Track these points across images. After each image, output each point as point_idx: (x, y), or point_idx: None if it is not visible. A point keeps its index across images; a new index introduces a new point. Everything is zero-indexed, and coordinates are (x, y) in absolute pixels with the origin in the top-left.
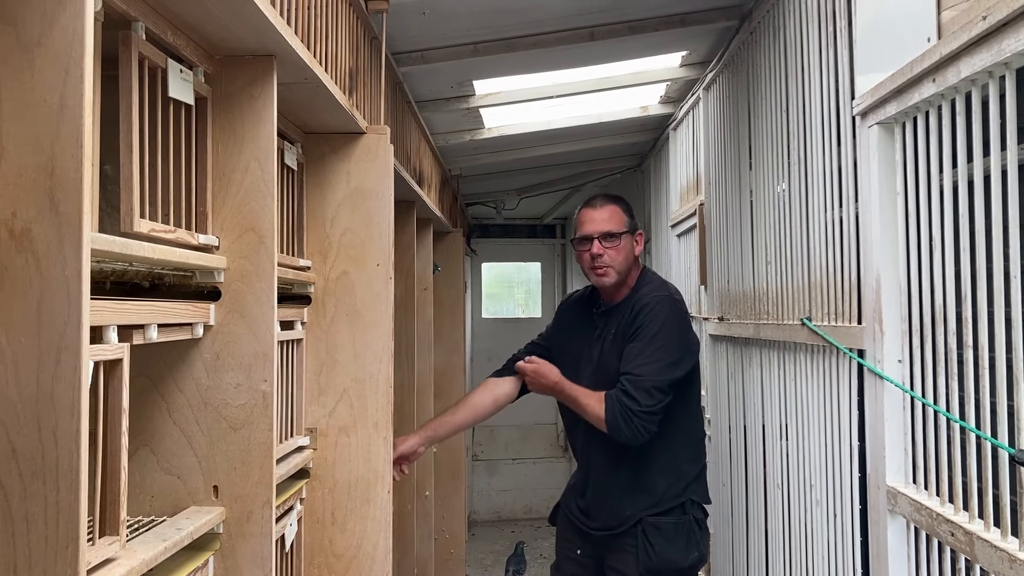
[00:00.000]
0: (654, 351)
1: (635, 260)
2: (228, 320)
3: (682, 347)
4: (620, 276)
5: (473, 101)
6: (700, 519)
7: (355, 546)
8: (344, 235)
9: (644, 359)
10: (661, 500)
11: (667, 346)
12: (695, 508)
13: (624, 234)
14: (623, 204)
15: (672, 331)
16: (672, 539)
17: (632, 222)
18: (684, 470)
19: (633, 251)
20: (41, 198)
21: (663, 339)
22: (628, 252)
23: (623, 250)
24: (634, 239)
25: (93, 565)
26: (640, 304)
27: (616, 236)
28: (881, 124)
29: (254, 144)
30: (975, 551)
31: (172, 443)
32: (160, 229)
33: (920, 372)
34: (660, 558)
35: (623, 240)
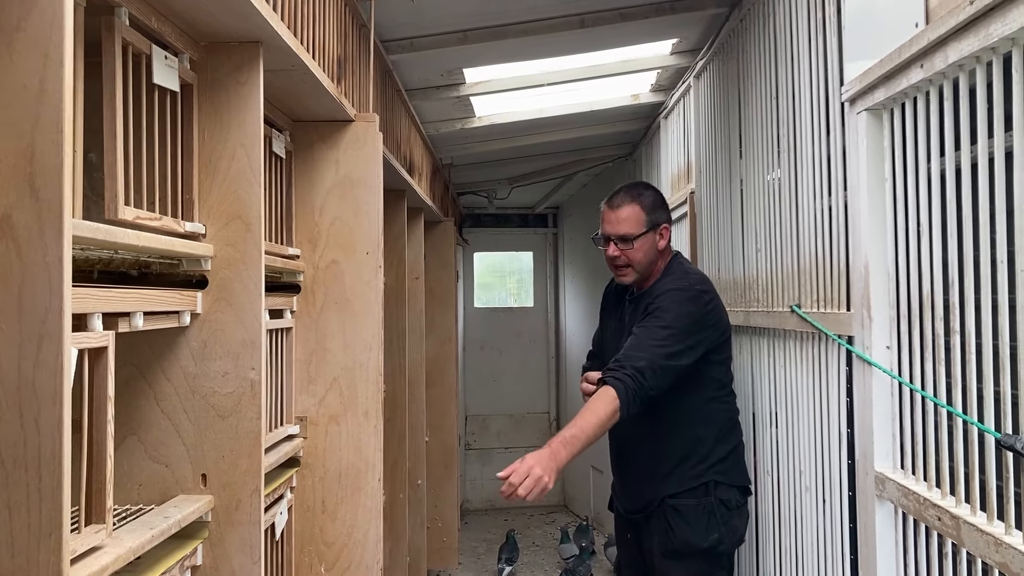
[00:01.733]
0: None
1: (661, 252)
2: (215, 308)
3: (687, 338)
4: (641, 274)
5: (463, 89)
6: (727, 500)
7: (346, 534)
8: (333, 223)
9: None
10: (682, 482)
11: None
12: (720, 489)
13: (642, 235)
14: (645, 199)
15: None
16: (691, 520)
17: (653, 218)
18: (706, 452)
19: (655, 247)
20: (21, 184)
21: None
22: (648, 249)
23: (641, 249)
24: (657, 234)
25: (79, 553)
26: (658, 291)
27: (632, 239)
28: (870, 110)
29: (240, 131)
30: (961, 535)
31: (160, 431)
32: (145, 216)
33: (908, 358)
34: (679, 539)
35: (642, 240)
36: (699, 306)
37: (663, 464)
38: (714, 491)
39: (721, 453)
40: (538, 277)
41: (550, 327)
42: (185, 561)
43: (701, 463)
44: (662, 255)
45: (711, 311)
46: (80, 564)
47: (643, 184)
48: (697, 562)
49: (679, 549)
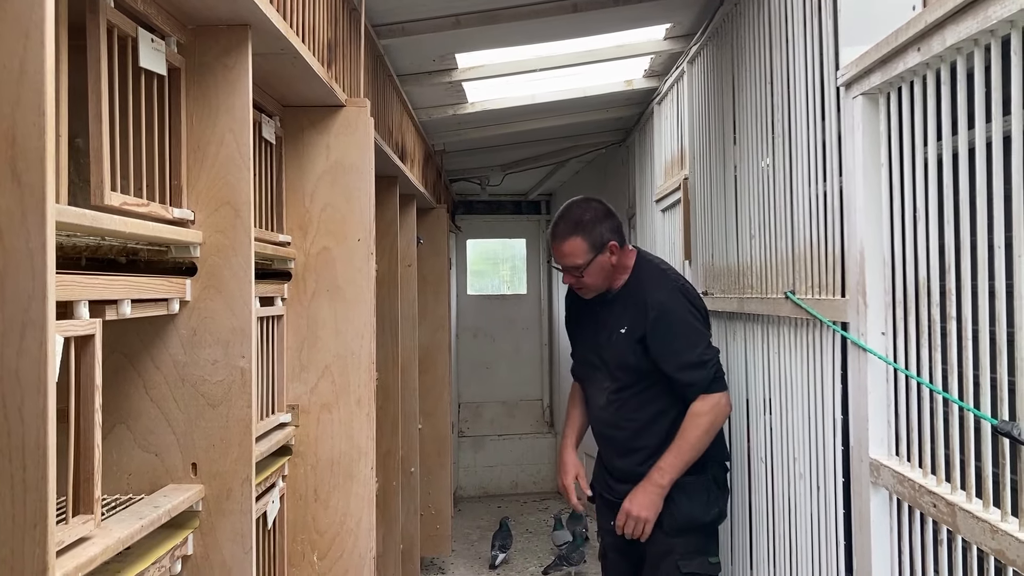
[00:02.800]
0: (684, 343)
1: (618, 262)
2: (204, 295)
3: (698, 324)
4: (600, 289)
5: (456, 75)
6: (717, 477)
7: (338, 522)
8: (324, 210)
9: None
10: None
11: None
12: (714, 467)
13: (590, 262)
14: (585, 225)
15: (687, 320)
16: (693, 497)
17: (597, 241)
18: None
19: (608, 264)
20: (2, 168)
21: (683, 330)
22: (599, 270)
23: (592, 273)
24: (607, 252)
25: (66, 544)
26: (654, 306)
27: (580, 268)
28: (866, 95)
29: (229, 116)
30: (957, 522)
31: (149, 420)
32: (132, 202)
33: (903, 344)
34: (683, 515)
35: (591, 266)
36: (691, 299)
37: (665, 445)
38: (710, 469)
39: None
40: (531, 264)
41: (543, 314)
42: (176, 551)
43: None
44: (621, 262)
45: (694, 297)
46: (67, 555)
47: (581, 205)
48: (698, 536)
49: (683, 525)
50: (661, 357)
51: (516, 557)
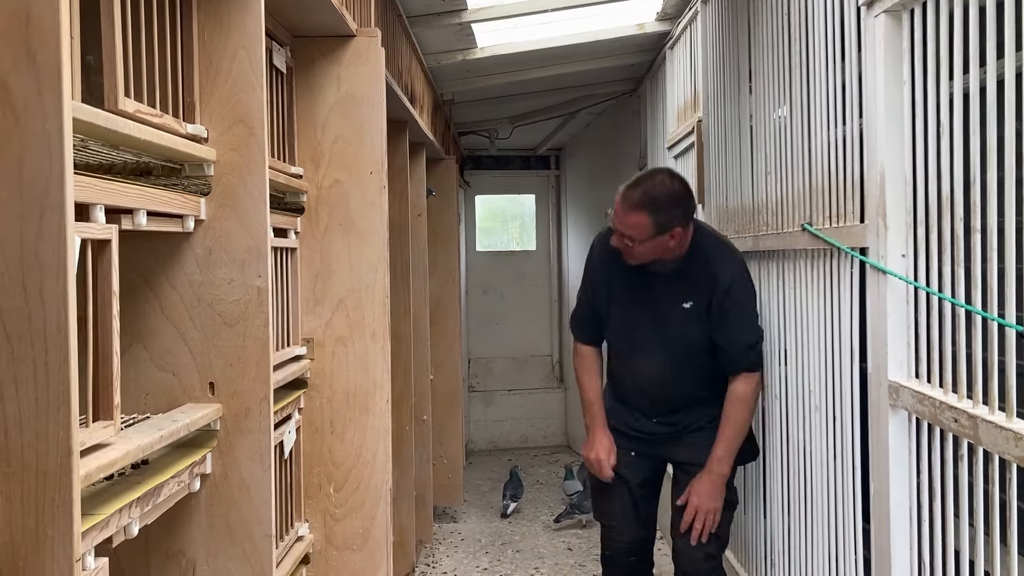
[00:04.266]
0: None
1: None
2: (219, 214)
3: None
4: (647, 260)
5: (465, 16)
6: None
7: (355, 455)
8: (336, 142)
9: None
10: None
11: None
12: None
13: (647, 239)
14: (653, 209)
15: (750, 300)
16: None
17: (660, 226)
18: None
19: (665, 245)
20: (17, 47)
21: (747, 310)
22: (657, 246)
23: (648, 247)
24: (666, 236)
25: (87, 446)
26: (723, 283)
27: (636, 241)
28: (888, 12)
29: (241, 31)
30: (979, 434)
31: (166, 340)
32: (146, 111)
33: (924, 264)
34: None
35: (651, 244)
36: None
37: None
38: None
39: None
40: (540, 220)
41: (552, 270)
42: (194, 468)
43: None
44: (685, 245)
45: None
46: (88, 458)
47: (663, 180)
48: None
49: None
50: (720, 330)
51: (527, 507)
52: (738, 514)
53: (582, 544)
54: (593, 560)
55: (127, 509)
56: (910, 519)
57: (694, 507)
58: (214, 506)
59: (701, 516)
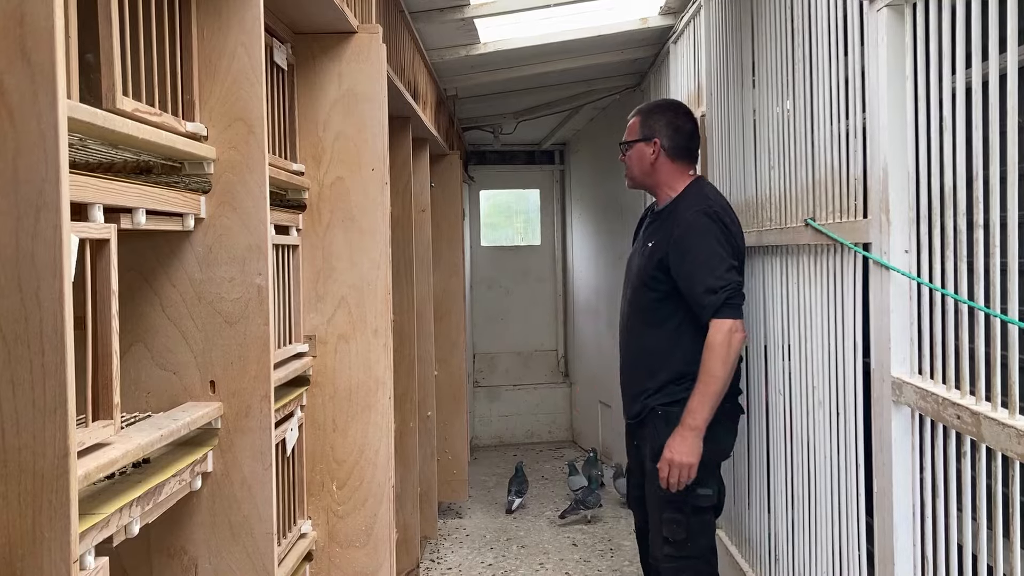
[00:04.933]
0: (701, 265)
1: (660, 168)
2: (219, 212)
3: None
4: (636, 181)
5: (468, 11)
6: (729, 411)
7: (357, 452)
8: (337, 139)
9: (698, 276)
10: (670, 392)
11: (708, 254)
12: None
13: (635, 143)
14: (643, 114)
15: (709, 241)
16: (673, 426)
17: (644, 131)
18: (693, 367)
19: (646, 157)
20: (11, 48)
21: (704, 250)
22: (639, 156)
23: (633, 158)
24: (649, 145)
25: (87, 446)
26: (678, 224)
27: (627, 145)
28: (891, 6)
29: (240, 28)
30: (982, 431)
31: (167, 338)
32: (145, 110)
33: (928, 259)
34: (661, 443)
35: (634, 148)
36: (715, 223)
37: (658, 378)
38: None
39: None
40: (545, 215)
41: (557, 265)
42: (196, 466)
43: (687, 376)
44: (662, 172)
45: (731, 227)
46: (88, 457)
47: (664, 101)
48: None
49: (660, 451)
50: (678, 276)
51: (532, 502)
52: (742, 509)
53: (587, 540)
54: (598, 555)
55: (128, 508)
56: (913, 515)
57: (666, 461)
58: (216, 504)
59: (675, 471)
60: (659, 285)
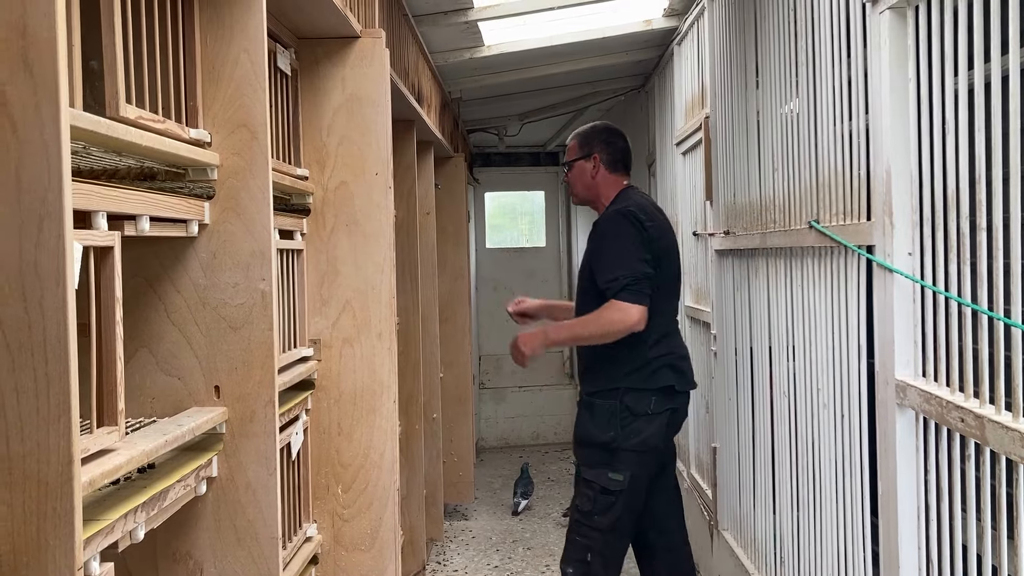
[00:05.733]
0: (612, 258)
1: (600, 180)
2: (223, 218)
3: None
4: (580, 197)
5: (472, 14)
6: (634, 406)
7: (362, 455)
8: (341, 144)
9: (608, 268)
10: (601, 383)
11: (623, 254)
12: (630, 395)
13: (576, 161)
14: (580, 136)
15: (621, 236)
16: (595, 417)
17: (583, 149)
18: (622, 359)
19: (587, 172)
20: (14, 59)
21: (615, 245)
22: (580, 172)
23: (575, 175)
24: (589, 162)
25: (91, 452)
26: (595, 226)
27: (569, 164)
28: (893, 8)
29: (243, 35)
30: (986, 434)
31: (171, 344)
32: (148, 117)
33: (931, 262)
34: (582, 430)
35: (576, 166)
36: (632, 223)
37: (591, 368)
38: (623, 396)
39: (637, 364)
40: (550, 217)
41: (562, 267)
42: (200, 471)
43: (617, 369)
44: (601, 184)
45: (646, 225)
46: (92, 464)
47: (597, 123)
48: (596, 452)
49: (580, 438)
50: (595, 271)
51: (538, 504)
52: (747, 510)
53: None
54: None
55: (133, 514)
56: (918, 517)
57: (512, 342)
58: (221, 509)
59: (513, 350)
60: (592, 287)
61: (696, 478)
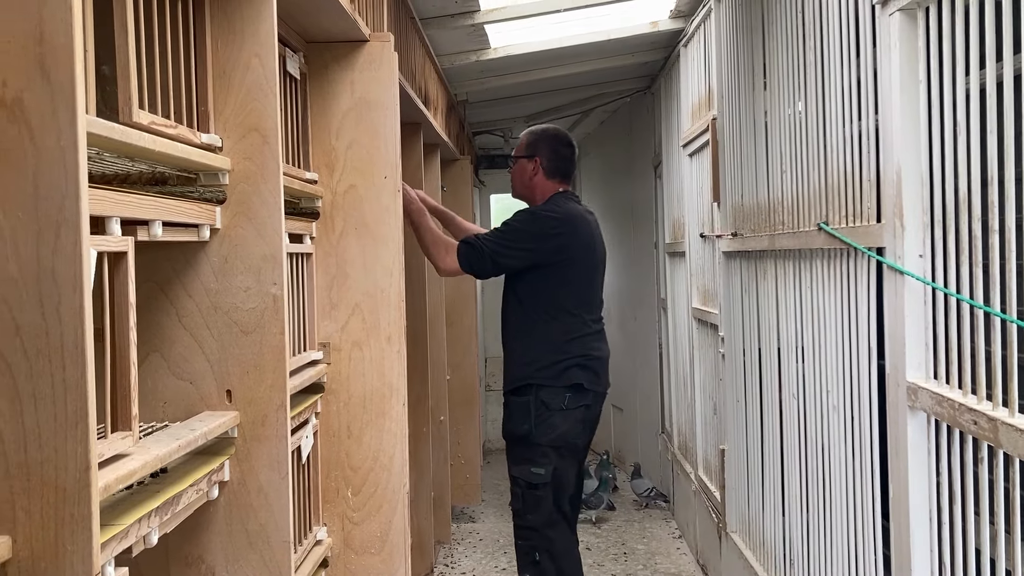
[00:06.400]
0: (497, 234)
1: (537, 183)
2: (235, 223)
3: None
4: (517, 192)
5: (478, 17)
6: (548, 401)
7: (372, 458)
8: (350, 147)
9: (492, 235)
10: (516, 381)
11: (508, 235)
12: (544, 392)
13: (520, 158)
14: (530, 136)
15: (518, 230)
16: (513, 413)
17: (529, 149)
18: (536, 358)
19: (526, 171)
20: (31, 66)
21: (509, 230)
22: (521, 170)
23: (516, 170)
24: (531, 163)
25: (106, 458)
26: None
27: (512, 159)
28: (903, 10)
29: (254, 40)
30: (999, 437)
31: (183, 348)
32: (161, 123)
33: (943, 264)
34: (505, 427)
35: (519, 163)
36: (539, 222)
37: (509, 367)
38: (537, 392)
39: (548, 362)
40: None
41: None
42: (213, 476)
43: (530, 366)
44: (537, 186)
45: (552, 230)
46: (107, 469)
47: (551, 127)
48: (519, 446)
49: (505, 433)
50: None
51: None
52: (756, 512)
53: (600, 543)
54: (611, 559)
55: (147, 518)
56: (930, 520)
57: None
58: (232, 513)
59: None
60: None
61: (704, 480)
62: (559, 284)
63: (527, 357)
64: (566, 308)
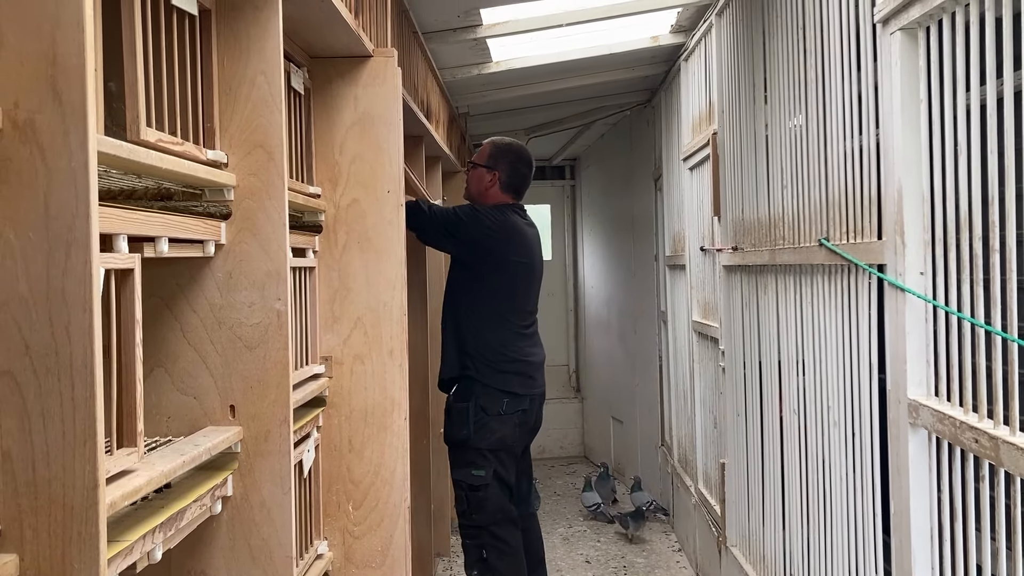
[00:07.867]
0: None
1: (490, 193)
2: (240, 238)
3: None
4: (471, 195)
5: (480, 31)
6: (487, 407)
7: (373, 472)
8: (353, 162)
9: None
10: (454, 370)
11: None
12: (483, 397)
13: (480, 166)
14: (494, 147)
15: (458, 216)
16: (453, 419)
17: (490, 160)
18: (475, 368)
19: (484, 183)
20: (43, 87)
21: (450, 212)
22: (479, 180)
23: (474, 177)
24: (489, 174)
25: (112, 474)
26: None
27: (474, 164)
28: (904, 30)
29: (260, 57)
30: (1000, 455)
31: (187, 363)
32: (168, 140)
33: (944, 282)
34: (446, 431)
35: (478, 170)
36: (476, 219)
37: (450, 376)
38: (477, 398)
39: (487, 369)
40: (556, 230)
41: (568, 280)
42: (216, 491)
43: (470, 373)
44: (490, 196)
45: (482, 232)
46: (113, 485)
47: (517, 144)
48: (457, 452)
49: (446, 439)
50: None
51: (544, 519)
52: (756, 526)
53: (600, 556)
54: (611, 572)
55: (151, 534)
56: (931, 537)
57: None
58: (235, 528)
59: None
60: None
61: (704, 493)
62: (494, 288)
63: (470, 364)
64: (499, 312)
